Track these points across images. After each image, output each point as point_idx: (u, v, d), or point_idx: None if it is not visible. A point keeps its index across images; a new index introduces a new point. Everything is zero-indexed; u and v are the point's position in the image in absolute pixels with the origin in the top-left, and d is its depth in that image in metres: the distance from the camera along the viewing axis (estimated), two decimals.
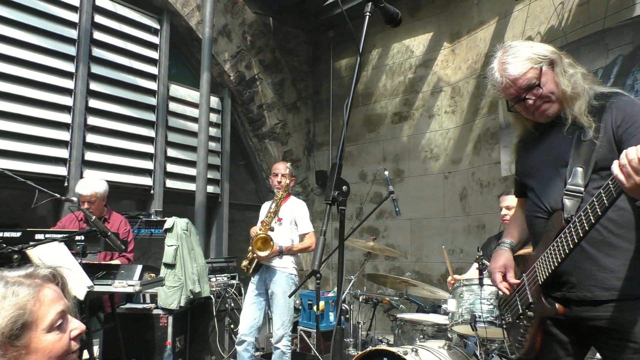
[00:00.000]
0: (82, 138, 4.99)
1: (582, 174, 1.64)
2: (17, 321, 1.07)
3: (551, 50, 1.76)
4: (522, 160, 1.97)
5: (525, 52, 1.73)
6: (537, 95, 1.72)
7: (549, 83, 1.72)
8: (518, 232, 2.03)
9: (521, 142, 1.99)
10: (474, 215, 5.70)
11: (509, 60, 1.74)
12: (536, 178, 1.85)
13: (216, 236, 6.42)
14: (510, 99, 1.80)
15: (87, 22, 5.10)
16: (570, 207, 1.64)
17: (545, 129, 1.83)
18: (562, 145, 1.74)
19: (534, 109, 1.76)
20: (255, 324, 3.88)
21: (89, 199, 3.65)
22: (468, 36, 5.96)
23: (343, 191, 1.34)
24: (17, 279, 1.12)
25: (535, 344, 1.75)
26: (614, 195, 1.40)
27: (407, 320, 3.36)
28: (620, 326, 1.59)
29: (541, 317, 1.72)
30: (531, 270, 1.78)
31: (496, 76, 1.77)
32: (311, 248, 4.04)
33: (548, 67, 1.73)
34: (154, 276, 3.33)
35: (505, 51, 1.78)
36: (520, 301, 1.82)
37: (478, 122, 5.72)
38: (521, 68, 1.71)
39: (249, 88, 6.76)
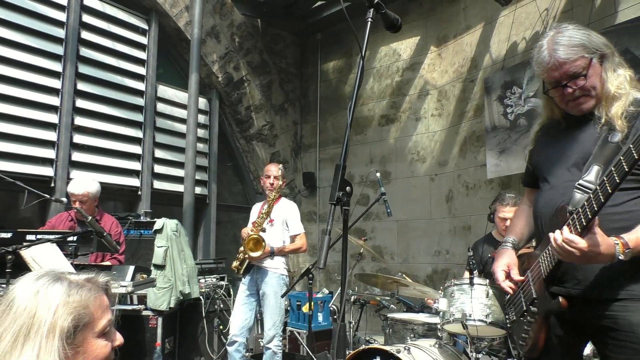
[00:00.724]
0: (69, 138, 4.95)
1: (598, 172, 1.59)
2: (80, 319, 1.10)
3: (605, 44, 1.69)
4: (541, 150, 1.90)
5: (581, 39, 1.65)
6: (578, 85, 1.66)
7: (594, 77, 1.66)
8: (522, 227, 2.00)
9: (542, 130, 1.93)
10: (459, 217, 5.78)
11: (563, 42, 1.65)
12: (553, 171, 1.80)
13: (203, 237, 6.41)
14: (550, 82, 1.73)
15: (74, 22, 5.07)
16: (578, 201, 1.60)
17: (573, 122, 1.77)
18: (588, 142, 1.69)
19: (571, 99, 1.70)
20: (246, 325, 3.90)
21: (80, 198, 3.62)
22: (454, 40, 6.05)
23: (347, 192, 1.38)
24: (79, 281, 1.16)
25: (539, 340, 1.72)
26: (616, 181, 1.39)
27: (397, 319, 3.41)
28: (624, 326, 1.56)
29: (545, 312, 1.69)
30: (535, 266, 1.75)
31: (544, 54, 1.68)
32: (302, 249, 4.08)
33: (598, 60, 1.67)
34: (146, 277, 3.33)
35: (560, 32, 1.69)
36: (524, 298, 1.80)
37: (464, 125, 5.81)
38: (572, 53, 1.63)
39: (237, 89, 6.76)
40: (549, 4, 4.90)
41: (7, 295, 1.10)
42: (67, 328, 1.07)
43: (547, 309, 1.68)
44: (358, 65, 1.47)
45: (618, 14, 4.28)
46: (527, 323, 1.76)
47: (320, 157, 7.39)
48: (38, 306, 1.07)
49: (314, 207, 7.36)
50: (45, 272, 1.15)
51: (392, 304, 3.97)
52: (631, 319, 1.56)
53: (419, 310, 3.83)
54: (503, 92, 5.14)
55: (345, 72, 7.25)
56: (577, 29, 1.69)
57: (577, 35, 1.65)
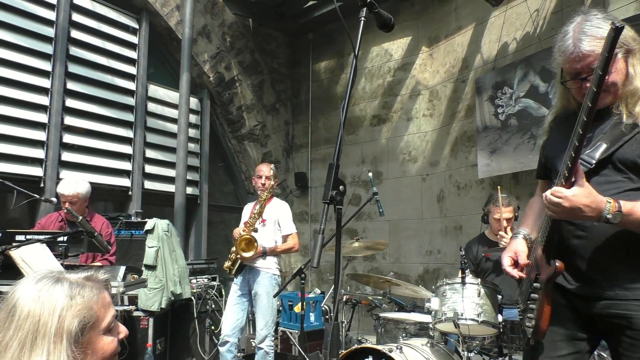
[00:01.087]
0: (58, 138, 4.91)
1: (604, 150, 1.56)
2: (85, 321, 1.10)
3: (634, 38, 1.61)
4: (554, 143, 1.83)
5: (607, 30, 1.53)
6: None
7: (617, 73, 1.58)
8: (534, 219, 1.93)
9: (556, 121, 1.86)
10: (451, 217, 5.81)
11: (589, 32, 1.56)
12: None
13: (195, 238, 6.38)
14: (569, 72, 1.64)
15: (64, 21, 5.02)
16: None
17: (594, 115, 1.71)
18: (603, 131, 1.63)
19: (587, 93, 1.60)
20: (238, 325, 3.89)
21: (70, 199, 3.59)
22: (446, 41, 6.08)
23: (340, 191, 1.37)
24: (80, 281, 1.15)
25: (544, 316, 1.65)
26: (579, 133, 1.41)
27: (389, 319, 3.42)
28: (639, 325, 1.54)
29: (546, 282, 1.63)
30: (536, 245, 1.73)
31: (568, 44, 1.59)
32: (294, 249, 4.08)
33: (623, 55, 1.59)
34: (137, 277, 3.30)
35: (588, 20, 1.59)
36: (528, 281, 1.76)
37: (455, 125, 5.84)
38: (598, 47, 1.51)
39: (229, 89, 6.74)
40: (539, 5, 4.93)
41: (8, 300, 1.09)
42: (73, 331, 1.07)
43: (547, 277, 1.62)
44: (351, 65, 1.47)
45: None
46: (532, 302, 1.70)
47: (312, 157, 7.39)
48: (42, 311, 1.06)
49: (306, 207, 7.35)
50: (44, 274, 1.14)
51: (384, 303, 3.97)
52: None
53: (411, 309, 3.84)
54: (494, 93, 5.17)
55: (337, 72, 7.25)
56: (606, 19, 1.58)
57: (605, 27, 1.53)
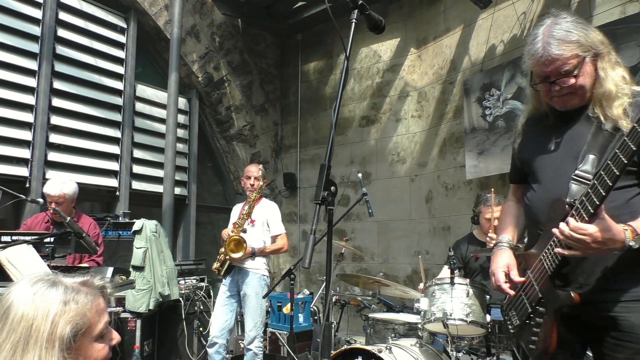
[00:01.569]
0: (44, 138, 4.85)
1: (594, 161, 1.57)
2: (78, 327, 1.10)
3: (602, 42, 1.62)
4: (529, 144, 1.83)
5: (577, 34, 1.58)
6: (567, 84, 1.60)
7: (585, 76, 1.60)
8: (513, 226, 1.93)
9: (529, 123, 1.86)
10: (439, 218, 5.84)
11: (558, 36, 1.57)
12: (546, 167, 1.74)
13: (183, 238, 6.34)
14: (538, 75, 1.66)
15: (51, 19, 4.97)
16: (575, 193, 1.56)
17: (566, 116, 1.71)
18: (582, 136, 1.64)
19: (556, 95, 1.65)
20: (227, 326, 3.88)
21: (56, 199, 3.55)
22: (434, 42, 6.11)
23: (332, 191, 1.38)
24: (75, 286, 1.15)
25: (551, 341, 1.63)
26: (616, 174, 1.38)
27: (379, 319, 3.42)
28: (625, 327, 1.57)
29: (555, 310, 1.61)
30: (537, 264, 1.67)
31: (538, 47, 1.60)
32: (283, 249, 4.08)
33: (591, 58, 1.60)
34: (125, 279, 3.28)
35: (557, 23, 1.61)
36: (528, 300, 1.71)
37: (444, 126, 5.87)
38: (566, 50, 1.56)
39: (217, 89, 6.72)
40: (526, 8, 4.98)
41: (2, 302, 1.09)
42: (66, 337, 1.07)
43: (557, 306, 1.60)
44: (343, 66, 1.47)
45: (593, 19, 4.38)
46: (535, 325, 1.67)
47: (301, 157, 7.39)
48: (35, 315, 1.06)
49: (295, 208, 7.35)
50: (40, 277, 1.14)
51: (373, 303, 3.99)
52: (632, 319, 1.57)
53: (400, 310, 3.85)
54: (482, 94, 5.21)
55: (326, 73, 7.26)
56: (576, 22, 1.61)
57: (574, 30, 1.58)
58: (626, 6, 4.14)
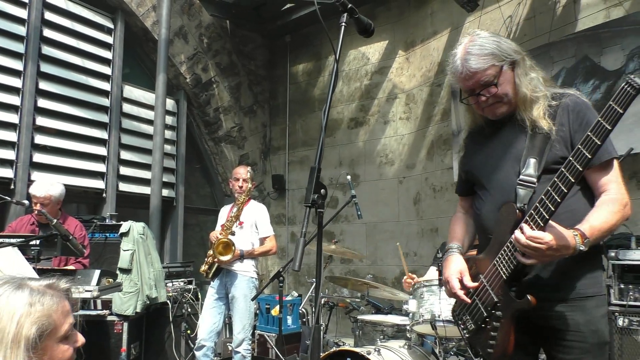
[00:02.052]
0: (30, 139, 4.80)
1: (535, 164, 1.66)
2: (43, 328, 1.12)
3: (515, 50, 1.74)
4: (472, 158, 1.93)
5: (491, 47, 1.70)
6: (491, 93, 1.71)
7: (505, 84, 1.71)
8: (462, 234, 1.99)
9: (470, 137, 1.98)
10: (427, 219, 5.87)
11: (474, 52, 1.70)
12: (489, 174, 1.82)
13: (171, 240, 6.30)
14: (465, 90, 1.79)
15: (36, 19, 4.91)
16: (523, 197, 1.64)
17: (499, 124, 1.82)
18: (517, 140, 1.74)
19: (485, 106, 1.76)
20: (215, 329, 3.86)
21: (42, 201, 3.52)
22: (422, 45, 6.15)
23: (322, 194, 1.38)
24: (41, 289, 1.18)
25: (509, 343, 1.65)
26: (571, 181, 1.46)
27: (367, 321, 3.43)
28: (572, 326, 1.62)
29: (512, 314, 1.64)
30: (491, 269, 1.70)
31: (457, 64, 1.74)
32: (272, 251, 4.07)
33: (509, 67, 1.71)
34: (112, 281, 3.25)
35: (472, 40, 1.74)
36: (482, 304, 1.73)
37: (431, 128, 5.91)
38: (483, 63, 1.68)
39: (206, 91, 6.69)
40: (512, 11, 5.04)
41: None
42: (31, 338, 1.10)
43: (514, 310, 1.62)
44: (332, 69, 1.48)
45: (578, 22, 4.44)
46: (492, 329, 1.69)
47: (290, 159, 7.38)
48: (1, 316, 1.10)
49: (283, 210, 7.34)
50: (6, 280, 1.17)
51: (361, 305, 3.99)
52: (578, 318, 1.62)
53: (388, 311, 3.86)
54: None
55: (315, 74, 7.27)
56: (489, 37, 1.74)
57: (488, 44, 1.70)
58: (610, 10, 4.21)
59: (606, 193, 1.64)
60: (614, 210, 1.59)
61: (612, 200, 1.62)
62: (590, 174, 1.67)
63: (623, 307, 2.97)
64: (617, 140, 4.07)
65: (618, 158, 1.68)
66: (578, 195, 1.69)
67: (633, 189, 3.96)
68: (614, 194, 1.63)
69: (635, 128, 3.82)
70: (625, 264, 3.03)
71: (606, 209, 1.59)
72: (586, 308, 1.63)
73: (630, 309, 2.95)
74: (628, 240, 3.10)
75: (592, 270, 1.68)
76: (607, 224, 1.57)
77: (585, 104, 1.71)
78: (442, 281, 1.91)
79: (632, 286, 2.99)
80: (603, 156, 1.62)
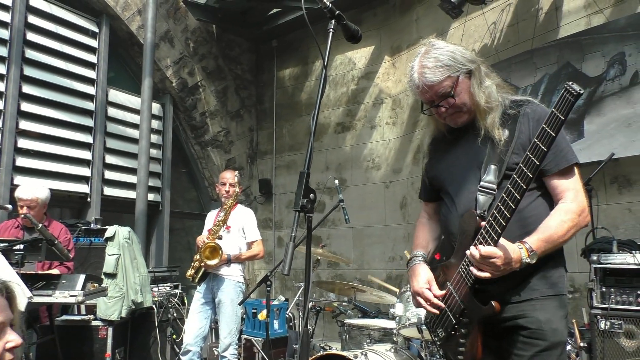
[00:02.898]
0: (13, 143, 4.75)
1: (495, 171, 1.69)
2: None
3: (470, 60, 1.75)
4: (436, 164, 1.95)
5: (445, 58, 1.72)
6: (450, 104, 1.74)
7: (463, 94, 1.73)
8: (426, 241, 2.00)
9: (433, 143, 2.01)
10: (413, 223, 5.87)
11: (429, 65, 1.72)
12: (453, 181, 1.84)
13: (156, 245, 6.26)
14: (425, 101, 1.81)
15: (20, 23, 4.87)
16: (483, 203, 1.67)
17: (461, 132, 1.85)
18: (479, 147, 1.76)
19: (445, 116, 1.79)
20: (201, 334, 3.84)
21: (28, 204, 3.48)
22: (408, 51, 6.21)
23: (311, 199, 1.39)
24: None
25: (477, 349, 1.68)
26: (523, 187, 1.48)
27: (354, 325, 3.44)
28: (533, 323, 1.64)
29: (478, 320, 1.66)
30: (456, 276, 1.72)
31: (414, 77, 1.76)
32: (259, 255, 4.07)
33: (465, 76, 1.73)
34: (97, 286, 3.22)
35: (428, 52, 1.77)
36: (451, 311, 1.73)
37: (417, 133, 5.96)
38: (438, 76, 1.71)
39: (192, 95, 6.68)
40: (496, 18, 5.11)
41: None
42: None
43: (480, 316, 1.65)
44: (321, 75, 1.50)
45: (560, 29, 4.52)
46: (461, 335, 1.71)
47: (277, 163, 7.38)
48: None
49: (270, 214, 7.33)
50: None
51: (348, 309, 4.01)
52: (539, 316, 1.65)
53: (375, 315, 3.88)
54: None
55: (301, 79, 7.29)
56: (444, 48, 1.75)
57: (442, 56, 1.72)
58: (591, 17, 4.29)
59: (562, 201, 1.67)
60: (565, 220, 1.61)
61: (565, 210, 1.64)
62: (549, 180, 1.70)
63: (605, 311, 3.02)
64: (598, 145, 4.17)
65: (578, 164, 1.71)
66: (539, 200, 1.72)
67: (614, 193, 4.03)
68: (569, 202, 1.65)
69: (617, 133, 3.90)
70: (606, 267, 3.08)
71: (557, 219, 1.62)
72: (548, 307, 1.67)
73: (612, 312, 2.99)
74: (609, 244, 3.15)
75: (554, 271, 1.72)
76: (556, 234, 1.60)
77: (545, 112, 1.71)
78: (411, 293, 1.91)
79: (613, 289, 3.03)
80: (562, 162, 1.66)
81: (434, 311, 1.78)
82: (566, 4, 4.50)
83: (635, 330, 2.91)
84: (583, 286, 3.93)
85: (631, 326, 2.93)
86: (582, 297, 3.85)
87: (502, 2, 5.01)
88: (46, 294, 2.90)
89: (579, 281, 4.01)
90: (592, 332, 3.05)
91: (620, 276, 3.04)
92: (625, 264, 2.99)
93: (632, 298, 2.96)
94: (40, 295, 2.86)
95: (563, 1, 4.53)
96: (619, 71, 3.97)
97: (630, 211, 3.92)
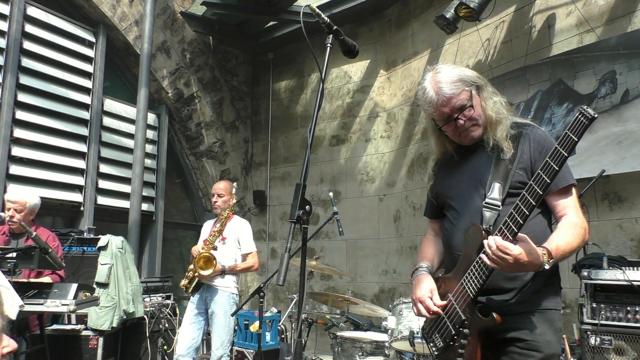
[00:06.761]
0: (7, 151, 4.74)
1: (499, 188, 1.76)
2: None
3: (478, 76, 1.85)
4: (441, 182, 2.01)
5: (458, 74, 1.81)
6: (468, 116, 1.79)
7: (477, 107, 1.81)
8: (432, 255, 2.05)
9: (437, 165, 2.06)
10: (406, 237, 5.93)
11: (444, 80, 1.79)
12: (458, 198, 1.90)
13: (149, 255, 6.23)
14: (440, 118, 1.85)
15: (17, 32, 4.88)
16: (489, 219, 1.73)
17: (466, 152, 1.92)
18: (483, 166, 1.83)
19: (462, 130, 1.83)
20: (194, 344, 3.82)
21: (16, 206, 3.46)
22: (403, 65, 6.27)
23: (307, 210, 1.41)
24: None
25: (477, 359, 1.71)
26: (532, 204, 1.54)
27: (346, 338, 3.44)
28: (528, 335, 1.69)
29: (479, 332, 1.70)
30: (459, 288, 1.76)
31: (431, 94, 1.81)
32: (254, 267, 4.06)
33: (476, 91, 1.82)
34: (89, 295, 3.20)
35: (438, 72, 1.84)
36: (451, 322, 1.78)
37: (412, 147, 6.00)
38: (455, 88, 1.78)
39: (187, 106, 6.70)
40: (490, 35, 5.18)
41: None
42: None
43: (481, 328, 1.69)
44: (318, 88, 1.52)
45: (552, 47, 4.59)
46: (460, 346, 1.75)
47: (271, 175, 7.40)
48: None
49: (264, 226, 7.33)
50: None
51: (341, 322, 4.00)
52: (534, 328, 1.70)
53: (367, 328, 3.88)
54: None
55: (297, 91, 7.34)
56: (452, 67, 1.85)
57: (454, 72, 1.81)
58: (583, 36, 4.36)
59: (566, 217, 1.75)
60: (576, 234, 1.69)
61: (574, 224, 1.71)
62: (550, 198, 1.78)
63: (595, 326, 3.04)
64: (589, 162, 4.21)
65: (575, 185, 1.79)
66: (539, 217, 1.80)
67: (605, 210, 4.08)
68: (574, 218, 1.73)
69: (607, 150, 3.95)
70: (597, 283, 3.10)
71: (570, 232, 1.69)
72: (544, 320, 1.72)
73: (602, 327, 3.01)
74: (600, 260, 3.18)
75: (552, 286, 1.78)
76: (570, 245, 1.66)
77: (545, 134, 1.84)
78: (413, 301, 1.94)
79: (603, 305, 3.05)
80: (561, 182, 1.73)
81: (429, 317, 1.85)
82: (559, 22, 4.57)
83: (624, 346, 2.92)
84: (574, 302, 3.95)
85: (621, 342, 2.94)
86: (573, 313, 3.87)
87: (496, 19, 5.09)
88: (38, 303, 2.88)
89: (570, 297, 4.04)
90: (583, 348, 3.07)
91: (611, 292, 3.06)
92: (616, 280, 3.01)
93: (622, 314, 2.98)
94: (31, 303, 2.85)
95: (556, 19, 4.60)
96: (610, 89, 4.03)
97: (621, 227, 3.96)
